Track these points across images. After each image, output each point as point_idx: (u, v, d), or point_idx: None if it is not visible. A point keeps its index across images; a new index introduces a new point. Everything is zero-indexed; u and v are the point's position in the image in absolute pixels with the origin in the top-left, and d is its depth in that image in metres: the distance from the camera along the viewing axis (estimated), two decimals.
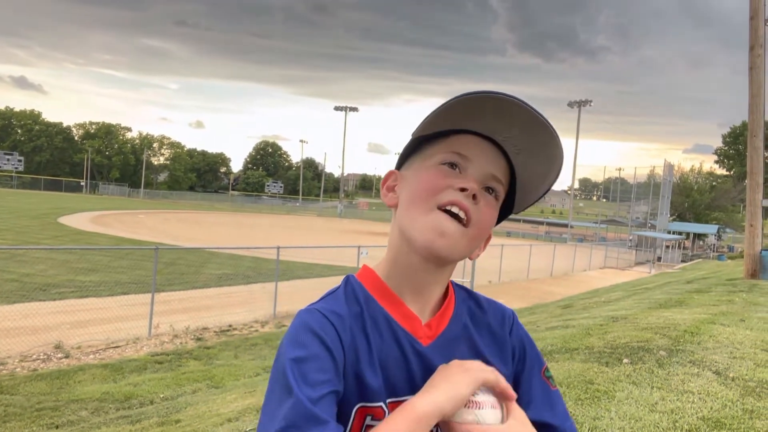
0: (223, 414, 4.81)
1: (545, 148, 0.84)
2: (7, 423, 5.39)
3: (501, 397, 0.80)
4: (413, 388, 0.83)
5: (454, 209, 0.83)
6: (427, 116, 0.84)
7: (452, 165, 0.86)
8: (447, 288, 0.95)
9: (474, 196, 0.84)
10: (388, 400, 0.83)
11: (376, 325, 0.87)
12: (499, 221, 0.94)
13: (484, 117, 0.83)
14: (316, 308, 0.85)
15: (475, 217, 0.84)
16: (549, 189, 0.90)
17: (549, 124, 0.81)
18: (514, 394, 0.81)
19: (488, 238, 0.94)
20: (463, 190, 0.83)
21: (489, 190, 0.87)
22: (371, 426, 0.80)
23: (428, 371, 0.84)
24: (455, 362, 0.83)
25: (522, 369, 0.95)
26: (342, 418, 0.79)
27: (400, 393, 0.84)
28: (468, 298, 0.98)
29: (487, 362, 0.89)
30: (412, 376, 0.85)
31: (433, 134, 0.88)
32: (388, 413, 0.81)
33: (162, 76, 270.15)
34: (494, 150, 0.87)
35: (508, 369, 0.93)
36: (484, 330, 0.95)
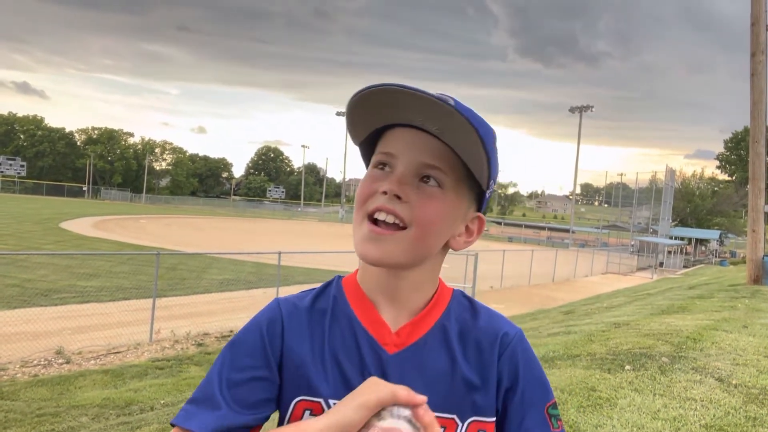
0: None
1: (453, 120, 0.75)
2: (8, 429, 5.38)
3: (418, 418, 0.71)
4: None
5: (381, 215, 0.79)
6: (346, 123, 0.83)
7: (382, 166, 0.82)
8: (435, 294, 0.89)
9: (398, 197, 0.78)
10: (337, 401, 0.78)
11: (338, 325, 0.85)
12: (481, 202, 0.87)
13: (390, 109, 0.78)
14: (277, 298, 0.89)
15: (409, 215, 0.79)
16: (490, 157, 0.79)
17: (435, 96, 0.73)
18: (420, 399, 0.72)
19: (480, 222, 0.88)
20: (384, 193, 0.79)
21: (427, 179, 0.80)
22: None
23: (387, 380, 0.79)
24: (368, 380, 0.77)
25: (512, 398, 0.85)
26: (282, 407, 0.83)
27: None
28: (467, 308, 0.90)
29: (468, 382, 0.84)
30: None
31: (371, 137, 0.85)
32: None
33: (164, 82, 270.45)
34: (422, 136, 0.79)
35: (489, 395, 0.84)
36: (472, 347, 0.86)
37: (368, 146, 0.86)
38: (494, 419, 0.85)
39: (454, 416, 0.82)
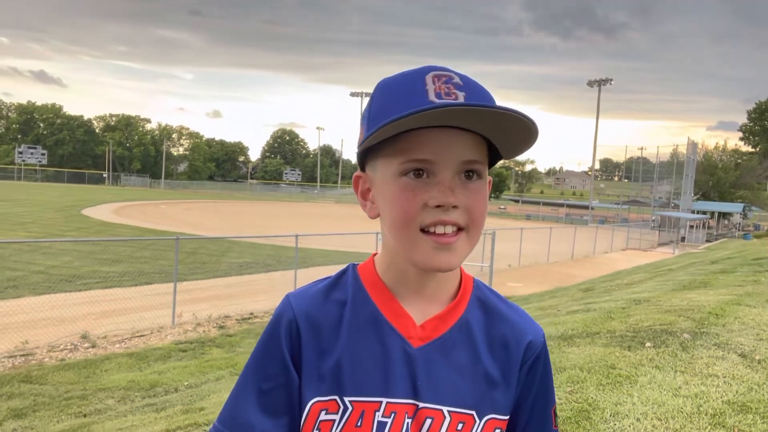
0: None
1: (514, 124, 0.72)
2: (37, 412, 5.53)
3: None
4: (391, 389, 0.80)
5: (440, 229, 0.76)
6: (374, 129, 0.74)
7: (418, 173, 0.76)
8: (460, 286, 0.87)
9: (454, 206, 0.76)
10: (354, 398, 0.80)
11: (358, 318, 0.83)
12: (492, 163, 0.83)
13: (450, 119, 0.73)
14: (289, 294, 0.88)
15: (465, 219, 0.77)
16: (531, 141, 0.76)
17: (520, 114, 0.70)
18: None
19: (490, 185, 0.84)
20: (438, 207, 0.75)
21: (469, 174, 0.77)
22: (326, 421, 0.80)
23: (413, 374, 0.80)
24: None
25: (525, 399, 0.88)
26: (300, 409, 0.82)
27: (373, 393, 0.80)
28: (492, 302, 0.89)
29: (490, 379, 0.84)
30: (392, 377, 0.80)
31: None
32: (350, 409, 0.79)
33: (177, 67, 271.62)
34: (458, 134, 0.75)
35: (509, 393, 0.86)
36: (498, 343, 0.86)
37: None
38: (508, 417, 0.86)
39: (473, 413, 0.82)
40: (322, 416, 0.80)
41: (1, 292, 10.36)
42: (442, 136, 0.75)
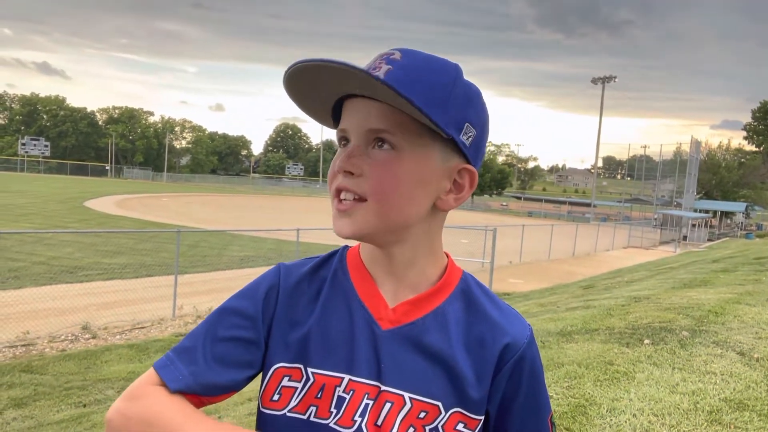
0: (244, 393, 4.89)
1: (366, 82, 0.71)
2: (37, 402, 5.57)
3: None
4: (355, 368, 0.80)
5: (342, 195, 0.78)
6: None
7: (343, 142, 0.80)
8: (442, 275, 0.85)
9: (350, 172, 0.76)
10: (317, 371, 0.80)
11: (334, 294, 0.84)
12: (466, 153, 0.79)
13: (327, 86, 0.76)
14: (281, 265, 0.89)
15: (363, 188, 0.76)
16: (430, 110, 0.71)
17: (350, 66, 0.69)
18: None
19: (470, 175, 0.81)
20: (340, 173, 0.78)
21: (381, 144, 0.76)
22: (288, 387, 0.81)
23: (377, 355, 0.80)
24: None
25: (512, 405, 0.83)
26: (264, 371, 0.84)
27: (336, 368, 0.80)
28: (477, 297, 0.86)
29: (460, 373, 0.80)
30: (357, 355, 0.80)
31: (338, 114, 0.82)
32: (312, 381, 0.80)
33: (180, 60, 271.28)
34: (366, 102, 0.76)
35: (479, 392, 0.81)
36: (474, 339, 0.82)
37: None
38: (480, 418, 0.82)
39: (439, 403, 0.80)
40: (285, 382, 0.81)
41: (3, 283, 10.40)
42: (354, 105, 0.77)
